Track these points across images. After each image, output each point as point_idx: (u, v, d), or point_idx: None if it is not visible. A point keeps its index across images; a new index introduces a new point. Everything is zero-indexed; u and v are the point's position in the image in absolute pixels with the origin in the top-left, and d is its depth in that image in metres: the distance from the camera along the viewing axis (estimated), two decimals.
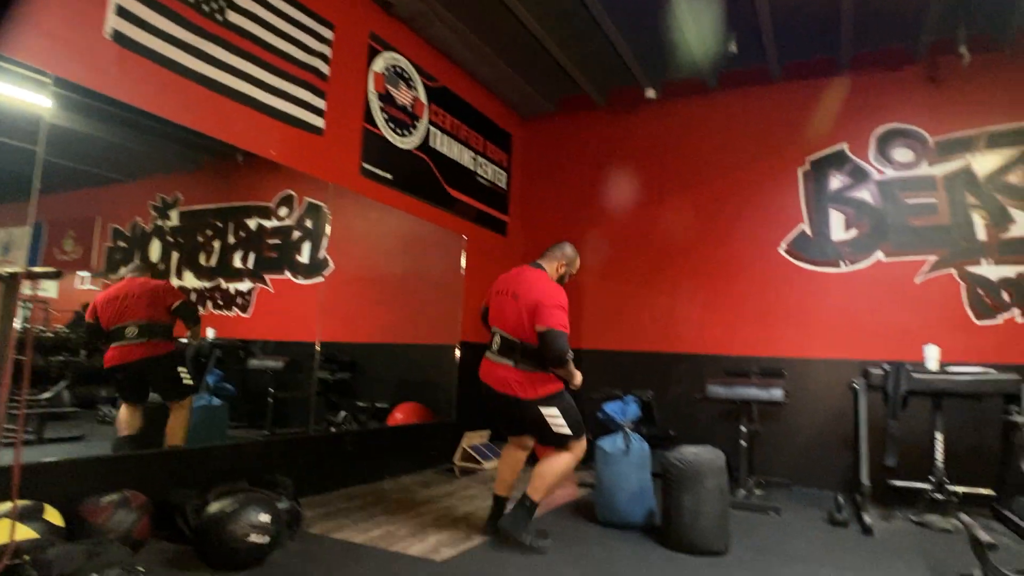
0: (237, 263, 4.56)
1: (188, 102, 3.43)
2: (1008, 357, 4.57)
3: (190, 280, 4.32)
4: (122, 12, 3.06)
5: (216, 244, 4.49)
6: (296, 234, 4.72)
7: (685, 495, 3.23)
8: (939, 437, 4.10)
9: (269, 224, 4.67)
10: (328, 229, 4.42)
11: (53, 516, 2.49)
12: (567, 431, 3.17)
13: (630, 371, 5.81)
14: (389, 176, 4.84)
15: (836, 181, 5.33)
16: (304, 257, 4.67)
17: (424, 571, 2.76)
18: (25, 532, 2.23)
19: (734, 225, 5.70)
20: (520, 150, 6.84)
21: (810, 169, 5.43)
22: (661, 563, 3.04)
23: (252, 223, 4.62)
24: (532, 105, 6.53)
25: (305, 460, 4.09)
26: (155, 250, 4.15)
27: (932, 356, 4.16)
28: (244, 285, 4.52)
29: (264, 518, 2.67)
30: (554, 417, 3.16)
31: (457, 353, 5.62)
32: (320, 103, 4.21)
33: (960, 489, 4.06)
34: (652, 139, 6.17)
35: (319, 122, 4.21)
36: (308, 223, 4.67)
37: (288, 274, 4.66)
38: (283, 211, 4.69)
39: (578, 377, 3.27)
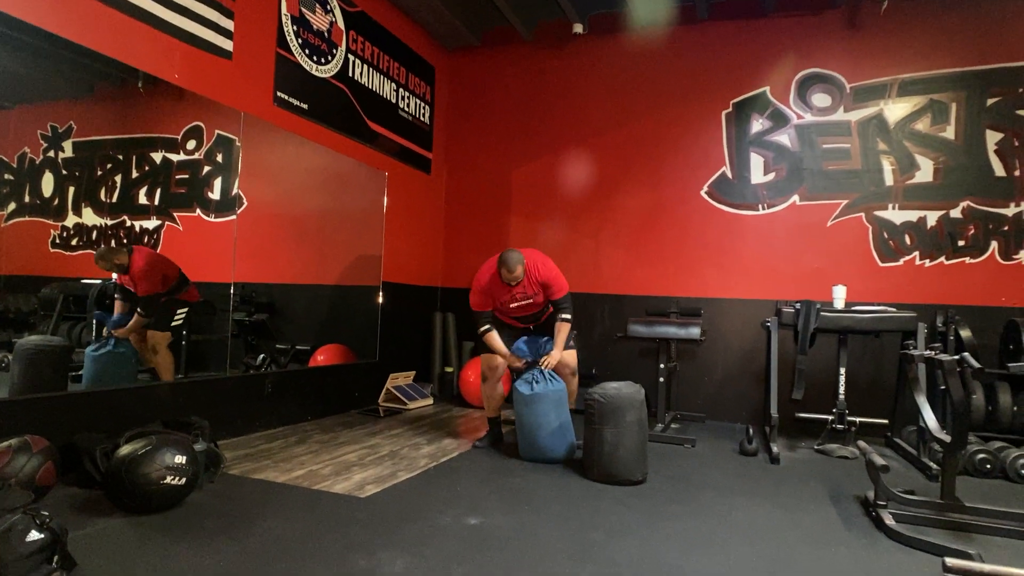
0: (142, 199, 4.28)
1: (76, 15, 3.11)
2: (907, 297, 4.87)
3: (90, 217, 4.03)
4: None
5: (117, 178, 4.19)
6: (206, 168, 4.45)
7: (606, 428, 3.31)
8: (842, 372, 4.35)
9: (176, 158, 4.38)
10: (240, 164, 4.20)
11: None
12: None
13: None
14: (305, 106, 4.60)
15: (757, 124, 5.43)
16: (215, 193, 4.42)
17: (347, 507, 2.74)
18: None
19: (658, 167, 5.75)
20: (444, 84, 6.63)
21: (733, 111, 5.51)
22: (581, 492, 3.13)
23: (157, 156, 4.32)
24: (456, 37, 6.30)
25: (223, 403, 3.97)
26: (47, 184, 3.84)
27: (839, 296, 4.37)
28: (151, 223, 4.26)
29: (179, 459, 2.58)
30: None
31: (380, 294, 5.53)
32: (228, 23, 3.92)
33: (858, 419, 4.34)
34: (579, 77, 6.09)
35: (227, 44, 3.93)
36: (219, 157, 4.41)
37: (199, 211, 4.41)
38: (191, 144, 4.40)
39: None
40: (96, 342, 3.71)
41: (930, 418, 3.04)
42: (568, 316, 3.88)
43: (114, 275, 3.81)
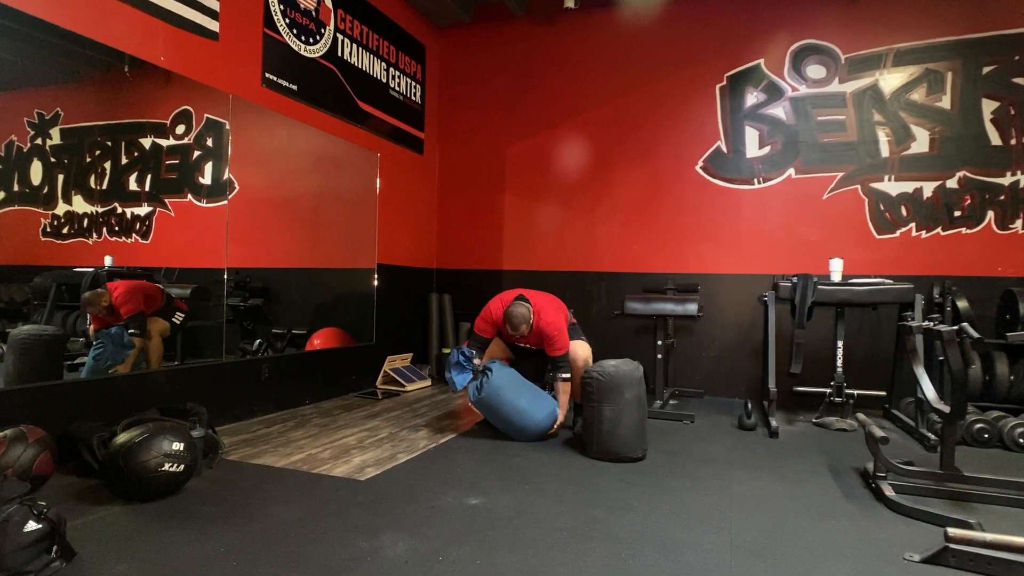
0: (132, 186, 4.23)
1: None
2: (904, 268, 4.86)
3: (80, 204, 3.98)
4: None
5: (107, 165, 4.14)
6: (196, 153, 4.39)
7: (605, 406, 3.31)
8: (840, 345, 4.34)
9: (165, 143, 4.33)
10: (230, 147, 4.15)
11: None
12: None
13: (551, 291, 5.85)
14: (294, 88, 4.54)
15: (752, 97, 5.38)
16: (206, 178, 4.37)
17: (347, 490, 2.73)
18: None
19: (653, 142, 5.70)
20: (435, 63, 6.55)
21: (727, 85, 5.46)
22: (581, 470, 3.13)
23: (146, 142, 4.27)
24: (447, 14, 6.21)
25: (220, 389, 3.96)
26: (36, 172, 3.79)
27: (836, 269, 4.36)
28: (142, 209, 4.21)
29: (177, 446, 2.56)
30: None
31: (375, 276, 5.51)
32: (213, 3, 3.84)
33: (856, 392, 4.35)
34: (572, 52, 6.02)
35: (213, 25, 3.86)
36: (208, 141, 4.35)
37: (190, 196, 4.36)
38: (180, 128, 4.35)
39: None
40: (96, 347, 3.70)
41: (929, 389, 3.05)
42: (567, 375, 3.76)
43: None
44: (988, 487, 2.73)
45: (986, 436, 3.72)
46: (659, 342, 4.63)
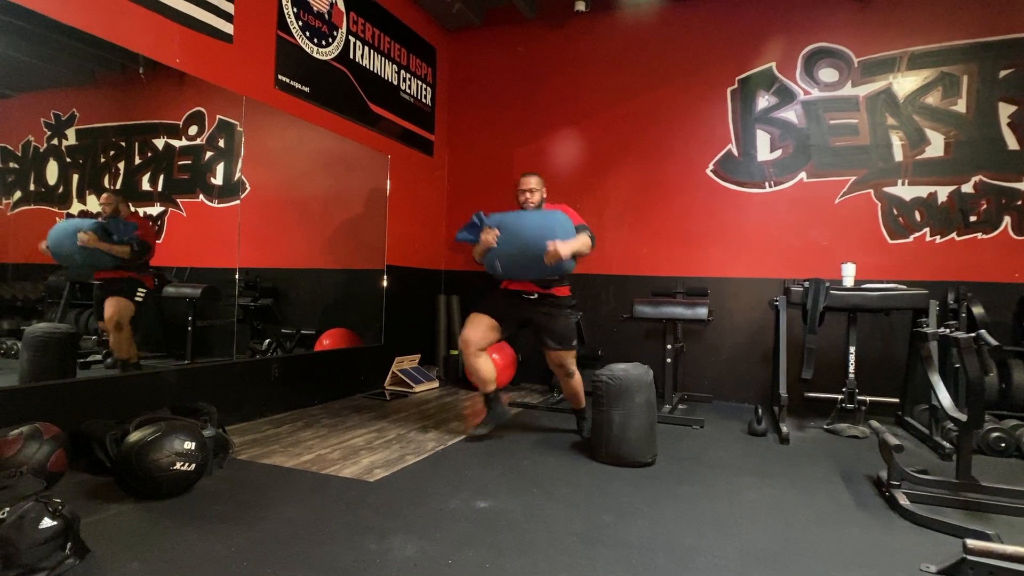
0: (145, 186, 4.26)
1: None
2: (917, 274, 4.82)
3: (95, 204, 4.02)
4: None
5: (120, 165, 4.17)
6: (208, 154, 4.42)
7: (614, 410, 3.29)
8: (852, 350, 4.31)
9: (178, 143, 4.35)
10: (242, 148, 4.17)
11: None
12: None
13: None
14: (306, 89, 4.55)
15: (763, 101, 5.36)
16: (218, 179, 4.40)
17: (356, 491, 2.73)
18: None
19: (663, 145, 5.68)
20: (445, 65, 6.55)
21: (738, 88, 5.43)
22: (590, 474, 3.11)
23: (159, 142, 4.30)
24: (458, 17, 6.22)
25: (230, 388, 3.97)
26: (52, 172, 3.82)
27: (849, 273, 4.33)
28: (155, 209, 4.24)
29: (188, 445, 2.57)
30: None
31: (384, 277, 5.51)
32: (228, 6, 3.86)
33: (868, 398, 4.31)
34: (582, 55, 6.01)
35: (228, 28, 3.88)
36: (220, 142, 4.38)
37: (202, 197, 4.39)
38: (192, 129, 4.37)
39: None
40: None
41: (944, 397, 3.01)
42: (588, 236, 3.62)
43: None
44: (1006, 497, 2.69)
45: (1003, 445, 3.68)
46: (668, 346, 4.61)
